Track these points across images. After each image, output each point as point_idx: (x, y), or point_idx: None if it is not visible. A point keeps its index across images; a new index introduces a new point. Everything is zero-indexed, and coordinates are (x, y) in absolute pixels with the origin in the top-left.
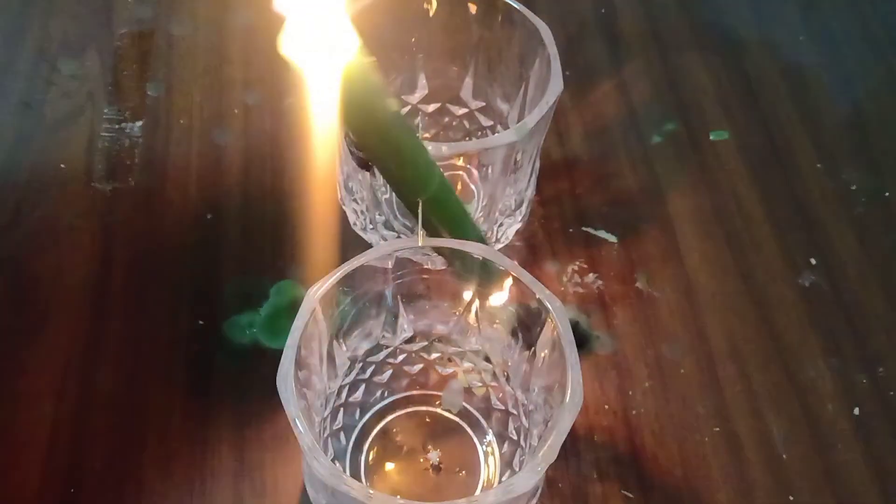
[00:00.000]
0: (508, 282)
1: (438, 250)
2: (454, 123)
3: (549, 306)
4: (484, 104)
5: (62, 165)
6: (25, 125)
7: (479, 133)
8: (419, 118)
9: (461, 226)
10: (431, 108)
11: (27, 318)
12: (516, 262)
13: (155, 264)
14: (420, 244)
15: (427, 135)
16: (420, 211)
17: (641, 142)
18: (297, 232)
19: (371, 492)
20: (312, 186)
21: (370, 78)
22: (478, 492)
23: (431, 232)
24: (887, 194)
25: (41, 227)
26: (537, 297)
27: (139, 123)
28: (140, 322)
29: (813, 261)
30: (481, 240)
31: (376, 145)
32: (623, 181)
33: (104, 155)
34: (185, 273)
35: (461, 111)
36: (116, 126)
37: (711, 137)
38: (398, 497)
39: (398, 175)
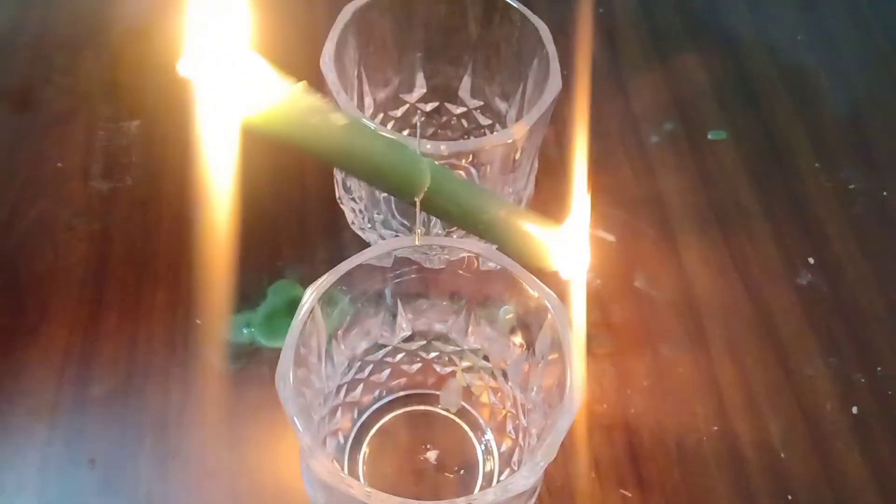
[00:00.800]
0: (508, 281)
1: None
2: (452, 122)
3: (548, 305)
4: (482, 103)
5: (59, 164)
6: (23, 124)
7: (478, 132)
8: (417, 117)
9: (475, 213)
10: (430, 106)
11: (24, 317)
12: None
13: (152, 263)
14: (417, 243)
15: (425, 134)
16: (418, 210)
17: (640, 141)
18: (295, 231)
19: (369, 490)
20: (310, 185)
21: (305, 104)
22: (476, 491)
23: (450, 222)
24: (885, 193)
25: (38, 225)
26: (537, 295)
27: (136, 122)
28: (137, 321)
29: (811, 260)
30: (512, 213)
31: (341, 163)
32: (621, 180)
33: (101, 154)
34: (183, 272)
35: (460, 110)
36: (114, 125)
37: (710, 137)
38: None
39: (380, 182)
